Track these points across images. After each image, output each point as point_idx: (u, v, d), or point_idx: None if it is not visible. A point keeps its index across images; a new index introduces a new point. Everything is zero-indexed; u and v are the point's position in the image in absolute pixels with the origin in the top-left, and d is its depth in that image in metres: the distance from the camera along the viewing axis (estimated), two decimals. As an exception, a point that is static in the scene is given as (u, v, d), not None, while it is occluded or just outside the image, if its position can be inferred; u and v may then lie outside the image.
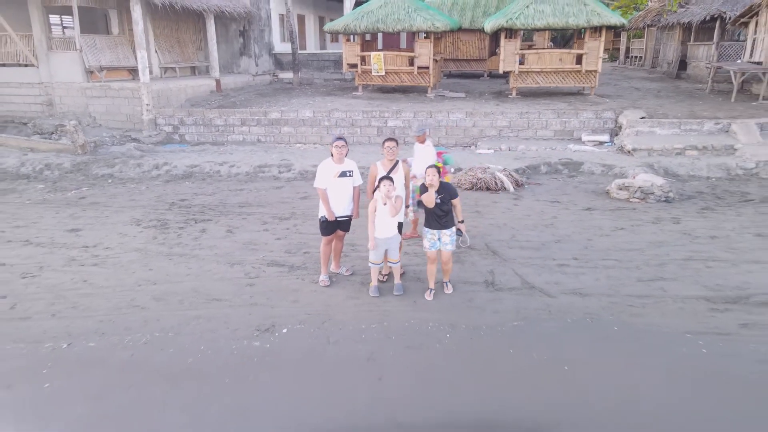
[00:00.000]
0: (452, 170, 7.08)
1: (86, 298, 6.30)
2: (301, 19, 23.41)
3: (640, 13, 27.16)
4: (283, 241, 7.85)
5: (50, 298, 6.31)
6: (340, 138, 6.34)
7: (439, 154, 7.09)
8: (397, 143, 6.32)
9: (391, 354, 5.21)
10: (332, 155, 6.25)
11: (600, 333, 5.48)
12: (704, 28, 19.64)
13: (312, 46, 25.41)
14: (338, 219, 6.31)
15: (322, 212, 6.30)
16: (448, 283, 6.22)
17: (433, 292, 6.14)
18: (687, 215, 8.55)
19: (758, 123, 11.68)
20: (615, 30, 34.09)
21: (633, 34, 29.26)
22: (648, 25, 25.17)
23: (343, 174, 6.20)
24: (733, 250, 7.19)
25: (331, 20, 27.68)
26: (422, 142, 7.26)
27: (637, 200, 9.28)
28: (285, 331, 5.62)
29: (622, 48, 30.55)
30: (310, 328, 5.65)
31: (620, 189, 9.52)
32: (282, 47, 22.33)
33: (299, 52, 20.40)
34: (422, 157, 7.13)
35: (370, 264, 6.23)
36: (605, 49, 37.86)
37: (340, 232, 6.48)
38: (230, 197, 10.00)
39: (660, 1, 25.52)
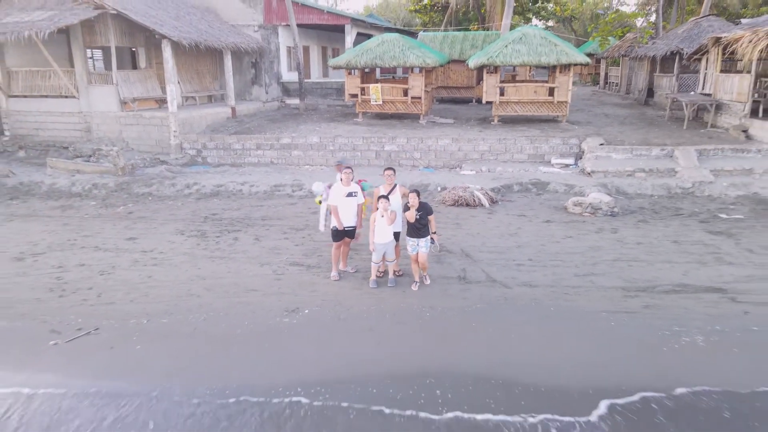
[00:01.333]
0: (368, 194, 8.88)
1: (153, 289, 8.20)
2: (306, 50, 25.54)
3: (617, 43, 29.45)
4: (301, 247, 9.78)
5: (126, 289, 8.22)
6: (348, 167, 8.32)
7: (358, 181, 8.92)
8: (394, 171, 8.27)
9: (386, 327, 7.12)
10: (341, 179, 8.21)
11: (541, 313, 7.40)
12: (668, 61, 21.78)
13: (316, 73, 27.55)
14: (345, 229, 8.24)
15: (334, 223, 8.23)
16: (426, 276, 8.14)
17: (417, 284, 8.05)
18: (625, 226, 10.51)
19: (697, 149, 13.70)
20: (592, 57, 36.49)
21: (611, 61, 31.51)
22: (623, 55, 27.39)
23: (349, 194, 8.15)
24: (652, 253, 9.14)
25: (333, 49, 30.08)
26: (340, 171, 8.89)
27: (588, 214, 11.24)
28: (306, 311, 7.52)
29: (602, 74, 32.79)
30: (325, 309, 7.56)
31: (575, 205, 11.48)
32: (289, 76, 24.45)
33: (305, 80, 22.50)
34: (314, 191, 9.08)
35: (372, 263, 8.14)
36: (588, 74, 40.41)
37: (347, 239, 8.40)
38: (253, 212, 11.93)
39: (633, 33, 27.82)
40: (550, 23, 48.73)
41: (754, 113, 15.09)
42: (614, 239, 9.85)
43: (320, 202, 8.68)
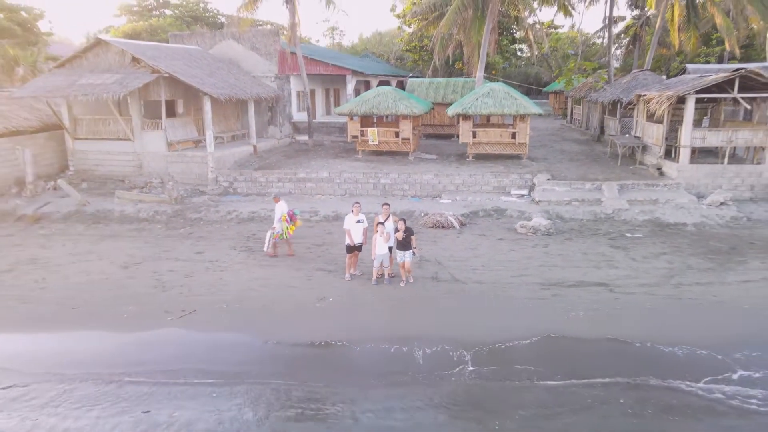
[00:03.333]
0: (299, 219, 13.67)
1: (225, 286, 11.92)
2: (312, 93, 29.45)
3: (578, 85, 33.78)
4: (322, 258, 13.54)
5: (206, 287, 11.93)
6: (357, 202, 12.16)
7: (291, 211, 13.18)
8: (389, 206, 12.09)
9: (382, 307, 10.88)
10: (353, 211, 12.02)
11: (485, 300, 11.17)
12: (613, 105, 25.90)
13: (320, 112, 31.49)
14: (356, 245, 12.02)
15: (347, 241, 12.00)
16: (410, 277, 11.90)
17: (404, 282, 11.81)
18: (554, 243, 14.36)
19: (619, 184, 17.65)
20: (560, 94, 40.71)
21: (575, 100, 35.78)
22: (582, 96, 31.64)
23: (359, 221, 11.95)
24: (566, 261, 12.98)
25: (335, 90, 34.19)
26: (277, 201, 13.06)
27: (531, 234, 15.07)
28: (331, 300, 11.26)
29: (569, 111, 37.08)
30: (343, 298, 11.30)
31: (522, 227, 15.32)
32: (299, 116, 28.33)
33: (311, 120, 26.42)
34: (278, 210, 13.13)
35: (373, 268, 11.91)
36: (560, 108, 44.62)
37: (356, 252, 12.17)
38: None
39: (592, 78, 32.12)
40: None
41: (668, 154, 19.11)
42: (543, 252, 13.69)
43: (285, 219, 12.93)
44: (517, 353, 9.17)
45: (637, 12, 41.19)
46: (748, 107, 18.42)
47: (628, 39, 45.62)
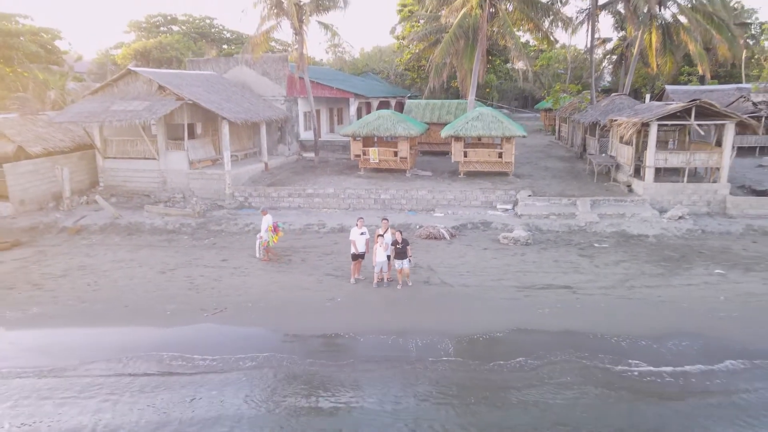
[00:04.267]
0: (282, 231, 16.12)
1: (250, 289, 13.99)
2: (318, 113, 31.66)
3: (565, 104, 36.03)
4: (330, 264, 15.60)
5: (233, 289, 14.00)
6: (360, 217, 14.28)
7: (275, 223, 15.31)
8: (388, 220, 14.20)
9: (381, 306, 12.95)
10: (357, 225, 14.12)
11: (469, 300, 13.23)
12: (593, 126, 28.06)
13: (325, 130, 33.68)
14: (359, 253, 14.10)
15: (352, 250, 14.09)
16: (408, 282, 13.96)
17: (400, 285, 13.87)
18: (531, 252, 16.43)
19: (591, 200, 19.75)
20: (550, 111, 42.95)
21: (562, 119, 38.00)
22: (568, 116, 33.86)
23: (362, 233, 14.05)
24: (540, 267, 15.04)
25: (338, 110, 36.44)
26: (264, 214, 15.21)
27: (512, 244, 17.14)
28: (338, 300, 13.33)
29: (556, 128, 39.30)
30: (349, 298, 13.37)
31: (504, 238, 17.40)
32: (305, 135, 30.50)
33: (318, 138, 28.62)
34: (264, 222, 15.33)
35: (374, 273, 13.98)
36: (550, 124, 46.84)
37: (360, 260, 14.25)
38: (295, 243, 17.73)
39: (576, 99, 34.38)
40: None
41: (637, 173, 21.23)
42: (521, 259, 15.76)
43: (272, 229, 15.17)
44: (491, 342, 11.22)
45: (623, 33, 43.55)
46: (702, 133, 20.55)
47: (615, 57, 48.13)
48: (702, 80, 43.23)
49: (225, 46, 72.46)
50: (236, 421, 8.83)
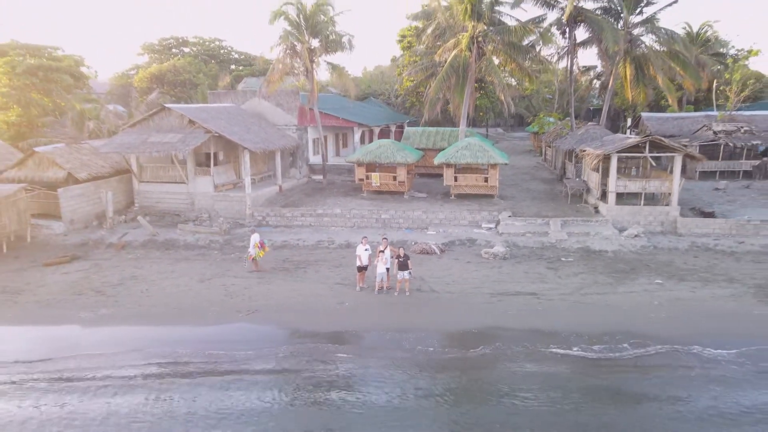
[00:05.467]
0: (267, 248, 19.15)
1: (274, 295, 17.01)
2: (325, 139, 34.88)
3: (550, 130, 39.24)
4: (339, 275, 18.60)
5: (261, 295, 17.01)
6: (365, 236, 17.36)
7: (261, 240, 18.53)
8: (388, 239, 17.27)
9: (382, 309, 15.96)
10: (362, 242, 17.19)
11: (452, 304, 16.23)
12: (569, 152, 31.16)
13: (331, 154, 36.88)
14: (363, 266, 17.13)
15: (358, 263, 17.13)
16: (407, 291, 16.96)
17: (397, 292, 16.88)
18: (507, 265, 19.42)
19: (562, 220, 22.78)
20: (538, 134, 46.07)
21: (547, 143, 41.19)
22: (551, 142, 37.01)
23: (366, 250, 17.10)
24: (513, 278, 18.04)
25: (343, 135, 39.71)
26: (252, 233, 18.28)
27: (492, 258, 20.14)
28: (347, 304, 16.35)
29: (543, 151, 42.47)
30: (356, 302, 16.39)
31: (485, 253, 20.40)
32: (314, 159, 33.69)
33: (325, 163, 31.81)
34: (252, 240, 18.47)
35: (376, 282, 17.00)
36: (538, 146, 50.01)
37: (364, 271, 17.28)
38: (309, 257, 20.76)
39: (559, 126, 37.58)
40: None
41: (603, 196, 24.28)
42: (498, 271, 18.76)
43: (257, 246, 18.33)
44: (466, 337, 14.20)
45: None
46: (654, 164, 23.65)
47: (598, 83, 51.54)
48: (680, 104, 46.53)
49: (233, 67, 76.28)
50: (276, 391, 11.82)
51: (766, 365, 12.45)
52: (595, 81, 51.52)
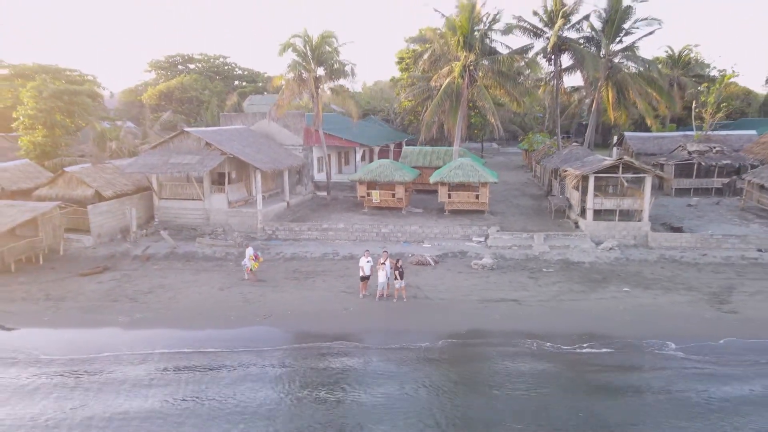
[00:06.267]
0: (261, 259, 21.32)
1: (287, 302, 19.15)
2: (329, 157, 37.19)
3: (539, 149, 41.64)
4: (344, 284, 20.74)
5: (275, 302, 19.15)
6: (367, 250, 19.58)
7: (255, 253, 20.72)
8: (387, 252, 19.47)
9: (382, 314, 18.13)
10: (364, 255, 19.39)
11: (444, 309, 18.39)
12: (556, 170, 33.46)
13: (334, 171, 39.18)
14: (366, 276, 19.31)
15: (360, 273, 19.31)
16: (404, 298, 19.12)
17: (396, 299, 19.04)
18: (494, 275, 21.58)
19: (545, 234, 24.99)
20: (528, 151, 48.40)
21: (536, 161, 43.58)
22: (540, 159, 39.37)
23: (368, 261, 19.29)
24: (497, 286, 20.20)
25: (345, 154, 42.06)
26: (247, 247, 20.55)
27: (480, 269, 22.30)
28: (351, 309, 18.50)
29: (533, 168, 44.83)
30: (359, 307, 18.54)
31: (475, 264, 22.57)
32: (319, 176, 36.00)
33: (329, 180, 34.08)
34: (247, 253, 20.70)
35: (377, 290, 19.16)
36: (530, 162, 52.37)
37: (366, 281, 19.45)
38: (317, 268, 22.91)
39: (546, 145, 39.97)
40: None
41: (582, 212, 26.52)
42: (486, 281, 20.93)
43: (253, 257, 20.40)
44: (456, 336, 16.34)
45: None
46: (626, 184, 25.95)
47: (588, 101, 54.05)
48: (663, 122, 49.03)
49: (236, 83, 78.83)
50: (289, 375, 13.96)
51: (704, 357, 14.66)
52: (584, 100, 54.14)
